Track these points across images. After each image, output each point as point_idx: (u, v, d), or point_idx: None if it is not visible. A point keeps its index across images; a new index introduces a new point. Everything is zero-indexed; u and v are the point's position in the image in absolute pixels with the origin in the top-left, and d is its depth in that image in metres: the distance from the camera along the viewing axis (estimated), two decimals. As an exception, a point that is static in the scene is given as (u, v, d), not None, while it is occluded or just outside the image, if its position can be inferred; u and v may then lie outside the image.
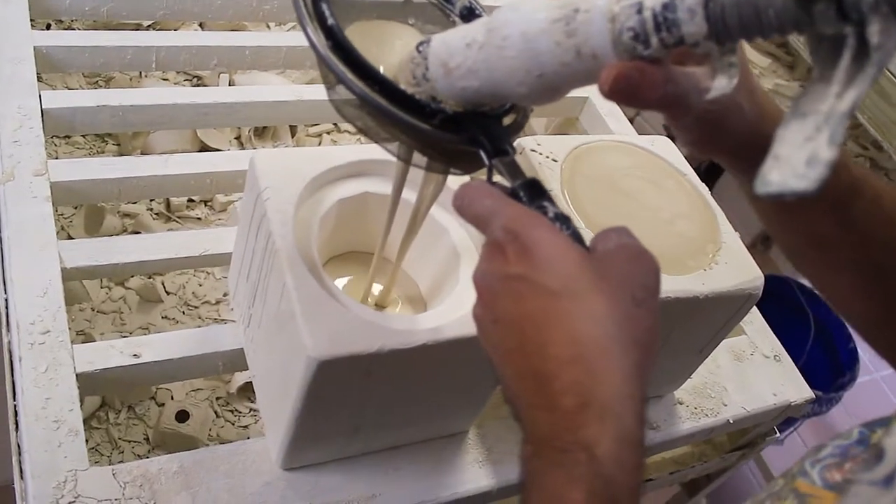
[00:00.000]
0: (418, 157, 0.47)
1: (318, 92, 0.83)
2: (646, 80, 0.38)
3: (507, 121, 0.46)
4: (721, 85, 0.40)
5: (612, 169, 0.65)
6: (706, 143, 0.47)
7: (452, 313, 0.53)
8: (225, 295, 0.84)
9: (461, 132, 0.43)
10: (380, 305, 0.57)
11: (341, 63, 0.42)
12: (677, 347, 0.65)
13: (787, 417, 0.81)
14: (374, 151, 0.59)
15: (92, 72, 0.89)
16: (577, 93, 0.97)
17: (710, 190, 0.69)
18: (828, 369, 1.53)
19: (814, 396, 0.80)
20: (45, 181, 0.65)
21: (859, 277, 0.51)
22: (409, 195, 0.53)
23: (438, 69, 0.43)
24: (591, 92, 0.97)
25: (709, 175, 1.48)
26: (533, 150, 0.64)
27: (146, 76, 0.95)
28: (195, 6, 0.88)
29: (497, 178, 0.42)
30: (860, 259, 0.50)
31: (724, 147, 0.48)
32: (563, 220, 0.40)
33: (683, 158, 0.71)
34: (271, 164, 0.55)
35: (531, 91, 0.41)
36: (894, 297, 0.50)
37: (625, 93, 0.38)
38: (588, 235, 0.58)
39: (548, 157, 0.64)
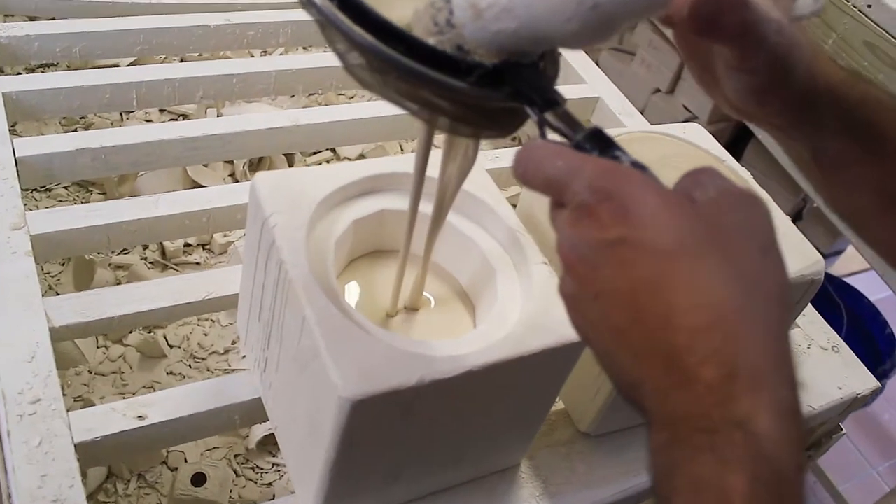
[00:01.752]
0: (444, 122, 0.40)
1: (315, 116, 0.77)
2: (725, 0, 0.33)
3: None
4: (807, 2, 0.34)
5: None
6: (774, 90, 0.42)
7: (495, 333, 0.46)
8: (234, 343, 0.78)
9: (502, 87, 0.36)
10: (411, 308, 0.50)
11: (354, 24, 0.36)
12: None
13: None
14: (386, 165, 0.53)
15: (69, 117, 0.83)
16: (586, 92, 0.92)
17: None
18: (866, 359, 1.47)
19: (880, 386, 0.74)
20: (24, 234, 0.59)
21: None
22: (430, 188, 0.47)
23: (466, 12, 0.36)
24: (602, 91, 0.91)
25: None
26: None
27: (128, 118, 0.89)
28: (175, 39, 0.82)
29: (551, 135, 0.36)
30: None
31: (789, 97, 0.42)
32: (643, 170, 0.34)
33: (718, 144, 0.65)
34: (275, 187, 0.49)
35: (582, 27, 0.34)
36: None
37: (705, 17, 0.32)
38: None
39: (576, 153, 0.58)
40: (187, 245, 0.82)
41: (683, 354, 0.30)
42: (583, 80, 0.93)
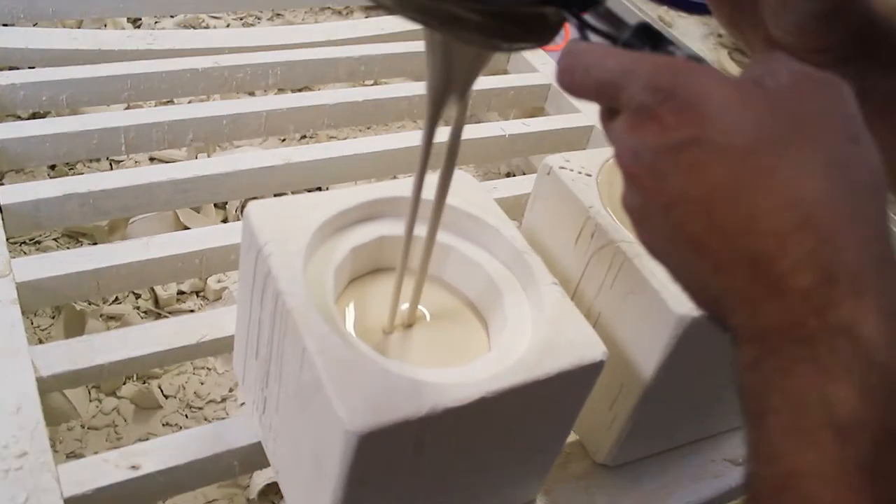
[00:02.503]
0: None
1: (307, 154, 0.75)
2: None
3: None
4: None
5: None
6: (840, 15, 0.38)
7: (507, 357, 0.43)
8: (231, 390, 0.75)
9: None
10: (407, 325, 0.47)
11: None
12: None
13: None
14: (383, 190, 0.51)
15: (57, 168, 0.81)
16: (581, 121, 0.90)
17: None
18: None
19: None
20: (9, 282, 0.56)
21: None
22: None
23: None
24: (596, 119, 0.89)
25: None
26: (562, 168, 0.56)
27: (117, 167, 0.87)
28: (163, 84, 0.80)
29: (592, 38, 0.33)
30: None
31: (854, 22, 0.38)
32: (701, 63, 0.30)
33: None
34: (269, 215, 0.46)
35: None
36: None
37: None
38: (647, 258, 0.50)
39: (580, 172, 0.55)
40: (181, 293, 0.80)
41: (772, 260, 0.27)
42: (577, 109, 0.92)
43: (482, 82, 0.92)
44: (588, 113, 0.91)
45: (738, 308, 0.28)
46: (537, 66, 0.98)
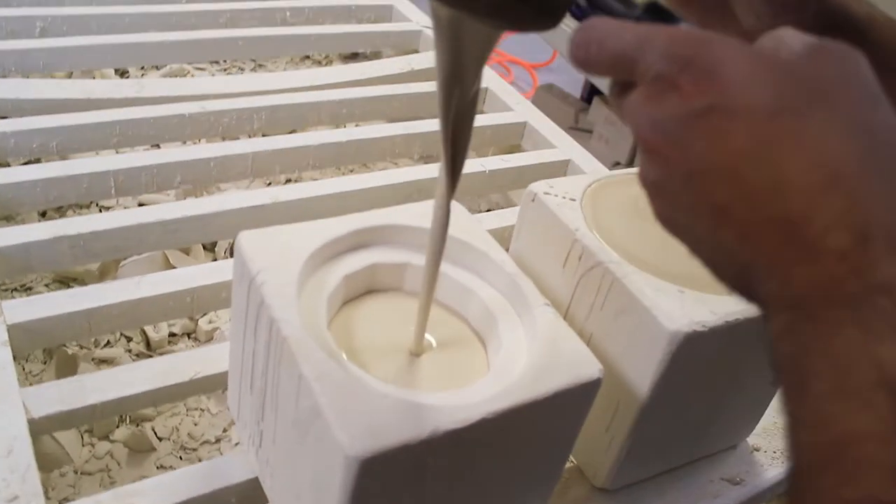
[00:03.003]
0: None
1: (294, 192, 0.74)
2: None
3: None
4: None
5: (634, 199, 0.56)
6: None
7: (505, 379, 0.41)
8: (225, 430, 0.72)
9: None
10: (414, 354, 0.45)
11: None
12: (746, 381, 0.54)
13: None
14: (374, 218, 0.49)
15: (46, 211, 0.79)
16: (558, 156, 0.89)
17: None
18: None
19: None
20: (0, 324, 0.53)
21: None
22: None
23: None
24: (573, 155, 0.89)
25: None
26: (547, 193, 0.54)
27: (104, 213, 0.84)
28: (151, 129, 0.78)
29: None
30: None
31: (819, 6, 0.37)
32: None
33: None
34: (261, 244, 0.44)
35: None
36: None
37: None
38: (635, 277, 0.48)
39: (564, 197, 0.54)
40: (172, 335, 0.77)
41: (803, 223, 0.25)
42: (553, 145, 0.91)
43: (461, 122, 0.91)
44: (564, 147, 0.91)
45: (768, 276, 0.26)
46: (512, 105, 0.97)
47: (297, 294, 0.42)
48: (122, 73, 1.03)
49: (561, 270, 0.52)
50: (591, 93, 2.06)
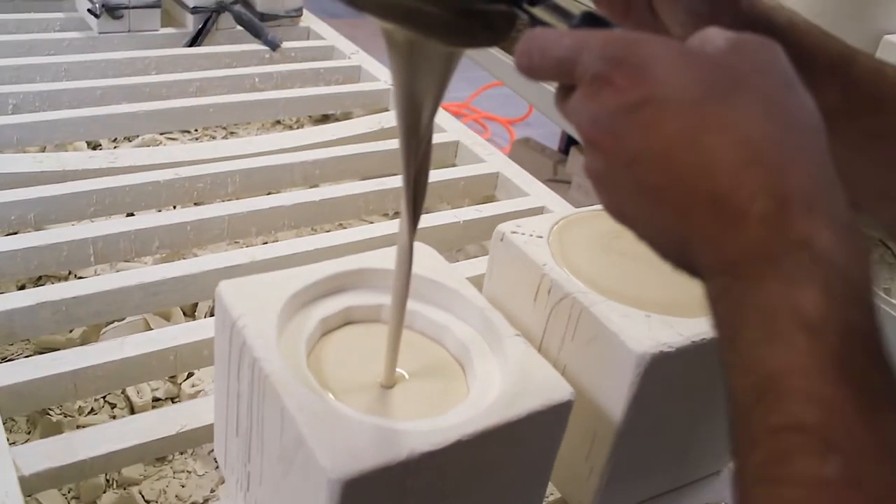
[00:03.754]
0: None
1: (271, 251, 0.78)
2: None
3: None
4: None
5: (600, 235, 0.60)
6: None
7: (479, 405, 0.45)
8: (213, 490, 0.74)
9: None
10: (385, 386, 0.48)
11: None
12: (721, 403, 0.57)
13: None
14: (349, 264, 0.53)
15: (26, 279, 0.82)
16: (532, 203, 0.94)
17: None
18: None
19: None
20: (-13, 389, 0.57)
21: (885, 144, 0.45)
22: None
23: None
24: (546, 202, 0.94)
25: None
26: (514, 232, 0.59)
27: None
28: (127, 197, 0.83)
29: None
30: (877, 126, 0.44)
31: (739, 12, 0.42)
32: None
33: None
34: (240, 291, 0.48)
35: None
36: None
37: None
38: (603, 305, 0.52)
39: (531, 235, 0.59)
40: (156, 399, 0.80)
41: (730, 195, 0.29)
42: (526, 193, 0.96)
43: (433, 176, 0.96)
44: (537, 195, 0.96)
45: (704, 247, 0.30)
46: (484, 156, 1.03)
47: (276, 336, 0.46)
48: (95, 146, 1.08)
49: (532, 305, 0.57)
50: (568, 144, 2.13)
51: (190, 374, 0.77)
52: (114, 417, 0.78)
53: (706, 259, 0.31)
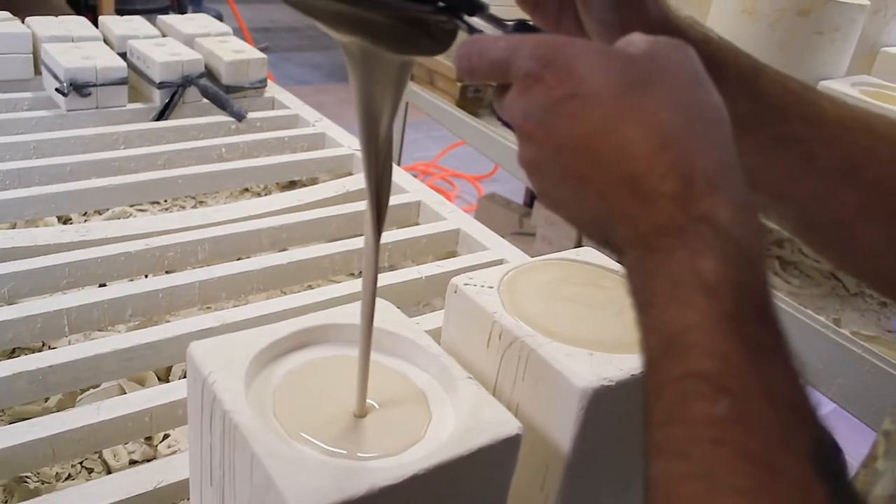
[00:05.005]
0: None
1: (241, 314, 0.82)
2: None
3: None
4: None
5: (549, 283, 0.65)
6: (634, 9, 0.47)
7: (435, 442, 0.50)
8: (188, 550, 0.77)
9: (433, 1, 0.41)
10: (358, 416, 0.53)
11: None
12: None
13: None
14: (314, 320, 0.58)
15: (0, 351, 0.86)
16: (491, 256, 0.99)
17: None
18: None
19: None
20: (-32, 456, 0.60)
21: (790, 149, 0.51)
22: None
23: None
24: (504, 254, 0.99)
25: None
26: (467, 284, 0.64)
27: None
28: (99, 269, 0.87)
29: None
30: (783, 132, 0.51)
31: (648, 20, 0.48)
32: None
33: (610, 260, 0.72)
34: (210, 350, 0.53)
35: None
36: (826, 171, 0.51)
37: None
38: (549, 346, 0.57)
39: (482, 286, 0.64)
40: (133, 461, 0.83)
41: (644, 177, 0.35)
42: (486, 247, 1.01)
43: (396, 234, 1.02)
44: (496, 249, 1.01)
45: (622, 223, 0.36)
46: (445, 214, 1.08)
47: (244, 389, 0.50)
48: (66, 221, 1.12)
49: (486, 350, 0.61)
50: (532, 197, 2.20)
51: (166, 436, 0.80)
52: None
53: (624, 234, 0.36)
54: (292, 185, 1.29)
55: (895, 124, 0.53)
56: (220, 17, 2.30)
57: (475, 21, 0.43)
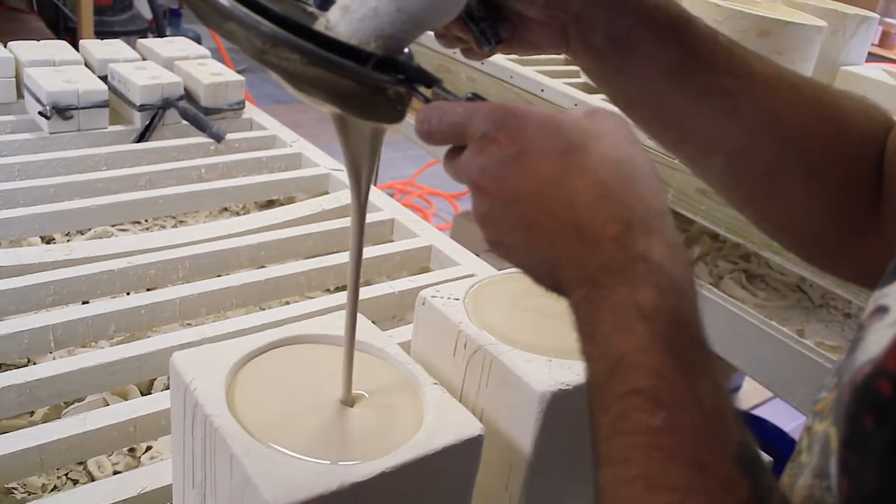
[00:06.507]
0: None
1: (221, 328, 0.86)
2: None
3: None
4: None
5: (511, 295, 0.70)
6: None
7: (404, 442, 0.53)
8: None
9: (394, 73, 0.45)
10: (345, 403, 0.56)
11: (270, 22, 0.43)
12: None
13: None
14: (292, 330, 0.62)
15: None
16: (462, 272, 1.03)
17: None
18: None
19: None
20: (-40, 466, 0.63)
21: (718, 100, 0.56)
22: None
23: (336, 13, 0.47)
24: (474, 269, 1.03)
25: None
26: (434, 297, 0.68)
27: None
28: (83, 286, 0.91)
29: None
30: (712, 83, 0.55)
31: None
32: None
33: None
34: (192, 360, 0.57)
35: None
36: (750, 125, 0.55)
37: None
38: (510, 353, 0.61)
39: (449, 298, 0.68)
40: (117, 472, 0.86)
41: (589, 223, 0.39)
42: (457, 262, 1.06)
43: (372, 251, 1.06)
44: (467, 264, 1.05)
45: (569, 265, 0.40)
46: (418, 232, 1.12)
47: (224, 395, 0.54)
48: (49, 241, 1.15)
49: (452, 359, 0.65)
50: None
51: (149, 448, 0.84)
52: (76, 494, 0.84)
53: (571, 274, 0.41)
54: (270, 204, 1.32)
55: (819, 87, 0.58)
56: (198, 39, 2.34)
57: (430, 93, 0.48)
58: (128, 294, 0.95)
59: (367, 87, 0.46)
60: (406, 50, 0.49)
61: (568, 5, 0.54)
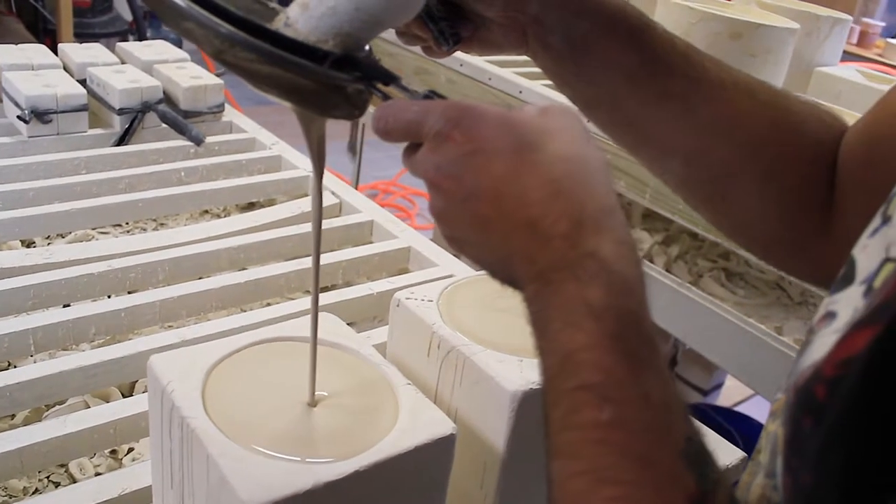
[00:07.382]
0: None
1: (201, 330, 0.87)
2: None
3: None
4: None
5: (484, 296, 0.71)
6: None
7: (377, 441, 0.55)
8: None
9: (352, 71, 0.46)
10: (310, 405, 0.58)
11: (227, 23, 0.44)
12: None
13: None
14: (269, 332, 0.63)
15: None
16: (438, 273, 1.05)
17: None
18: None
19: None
20: (-59, 469, 0.64)
21: (674, 104, 0.57)
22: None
23: (295, 10, 0.47)
24: (453, 269, 1.04)
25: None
26: (408, 298, 0.69)
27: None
28: (63, 290, 0.91)
29: None
30: (669, 88, 0.56)
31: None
32: None
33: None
34: (169, 362, 0.58)
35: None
36: (706, 128, 0.56)
37: None
38: (483, 354, 0.63)
39: (422, 300, 0.69)
40: (98, 474, 0.87)
41: (540, 220, 0.40)
42: (435, 263, 1.07)
43: (351, 252, 1.07)
44: (445, 265, 1.06)
45: (521, 261, 0.41)
46: (396, 233, 1.14)
47: (201, 396, 0.55)
48: (29, 244, 1.16)
49: (426, 359, 0.67)
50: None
51: (130, 450, 0.85)
52: (58, 496, 0.85)
53: (523, 270, 0.42)
54: (251, 206, 1.33)
55: (776, 92, 0.59)
56: (179, 41, 2.34)
57: (389, 90, 0.49)
58: (108, 297, 0.96)
59: (324, 85, 0.46)
60: (367, 47, 0.50)
61: (526, 7, 0.55)
